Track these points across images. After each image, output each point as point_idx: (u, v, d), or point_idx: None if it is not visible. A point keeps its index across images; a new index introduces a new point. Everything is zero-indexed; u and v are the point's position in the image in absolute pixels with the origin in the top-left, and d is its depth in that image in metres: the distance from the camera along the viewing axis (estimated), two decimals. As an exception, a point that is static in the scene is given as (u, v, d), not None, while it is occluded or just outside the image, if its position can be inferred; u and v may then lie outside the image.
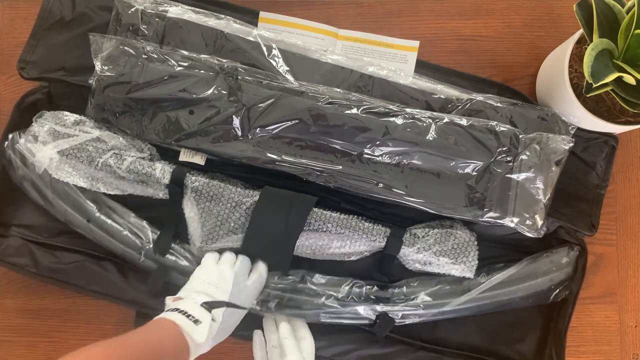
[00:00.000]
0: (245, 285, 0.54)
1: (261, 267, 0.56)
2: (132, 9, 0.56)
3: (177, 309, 0.50)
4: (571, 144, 0.53)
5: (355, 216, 0.55)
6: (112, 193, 0.55)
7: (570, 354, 0.56)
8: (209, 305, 0.51)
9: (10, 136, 0.56)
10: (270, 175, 0.55)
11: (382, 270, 0.56)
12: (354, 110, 0.53)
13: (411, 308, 0.54)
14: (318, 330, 0.55)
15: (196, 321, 0.49)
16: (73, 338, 0.59)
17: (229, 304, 0.52)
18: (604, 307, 0.59)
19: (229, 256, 0.56)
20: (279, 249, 0.54)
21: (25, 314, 0.59)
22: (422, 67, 0.59)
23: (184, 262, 0.57)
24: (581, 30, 0.50)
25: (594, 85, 0.45)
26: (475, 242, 0.55)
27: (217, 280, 0.53)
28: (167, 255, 0.56)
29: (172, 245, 0.56)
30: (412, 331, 0.56)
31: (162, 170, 0.53)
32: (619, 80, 0.46)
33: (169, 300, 0.52)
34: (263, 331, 0.57)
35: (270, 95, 0.53)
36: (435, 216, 0.55)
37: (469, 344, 0.57)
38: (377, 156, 0.53)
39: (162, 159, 0.55)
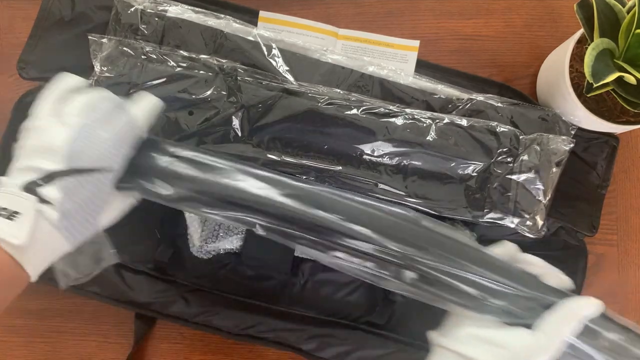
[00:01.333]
0: (99, 134, 0.40)
1: (144, 99, 0.43)
2: (132, 9, 0.56)
3: None
4: (572, 145, 0.53)
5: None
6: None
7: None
8: (38, 181, 0.37)
9: None
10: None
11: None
12: (354, 111, 0.53)
13: None
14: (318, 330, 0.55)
15: (11, 214, 0.36)
16: (72, 338, 0.59)
17: (67, 172, 0.38)
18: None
19: (79, 104, 0.41)
20: (279, 250, 0.54)
21: (24, 314, 0.59)
22: (423, 67, 0.59)
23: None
24: (582, 30, 0.50)
25: (595, 85, 0.45)
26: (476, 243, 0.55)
27: (47, 140, 0.39)
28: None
29: None
30: (412, 331, 0.56)
31: (162, 171, 0.53)
32: (619, 80, 0.46)
33: None
34: None
35: (270, 96, 0.53)
36: (435, 217, 0.54)
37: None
38: (377, 157, 0.53)
39: (162, 159, 0.55)
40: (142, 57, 0.54)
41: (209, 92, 0.53)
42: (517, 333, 0.39)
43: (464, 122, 0.53)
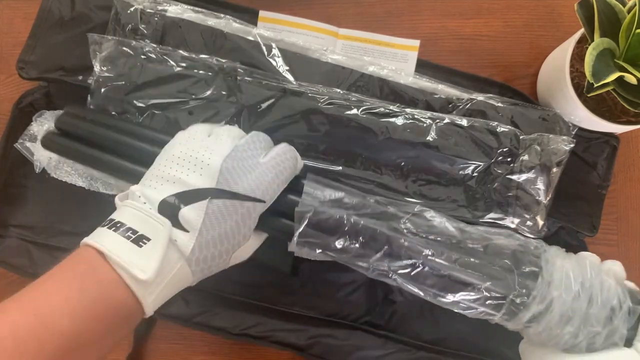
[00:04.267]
0: (255, 163, 0.36)
1: (285, 143, 0.39)
2: (131, 9, 0.56)
3: (107, 221, 0.32)
4: (572, 145, 0.53)
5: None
6: (111, 193, 0.54)
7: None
8: (175, 202, 0.31)
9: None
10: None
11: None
12: (354, 111, 0.53)
13: None
14: (318, 330, 0.54)
15: (140, 239, 0.30)
16: (72, 339, 0.59)
17: (219, 193, 0.33)
18: (605, 307, 0.59)
19: (229, 127, 0.38)
20: (279, 250, 0.54)
21: (24, 314, 0.59)
22: (423, 67, 0.59)
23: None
24: (582, 30, 0.50)
25: (595, 85, 0.45)
26: (476, 242, 0.55)
27: (198, 154, 0.34)
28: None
29: None
30: (412, 331, 0.56)
31: (162, 171, 0.53)
32: (620, 79, 0.46)
33: (116, 201, 0.34)
34: None
35: (270, 96, 0.53)
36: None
37: (470, 345, 0.57)
38: (377, 157, 0.53)
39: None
40: (142, 57, 0.53)
41: (208, 92, 0.53)
42: (624, 355, 0.34)
43: (464, 122, 0.53)
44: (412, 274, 0.40)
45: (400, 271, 0.40)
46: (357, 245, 0.41)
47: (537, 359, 0.37)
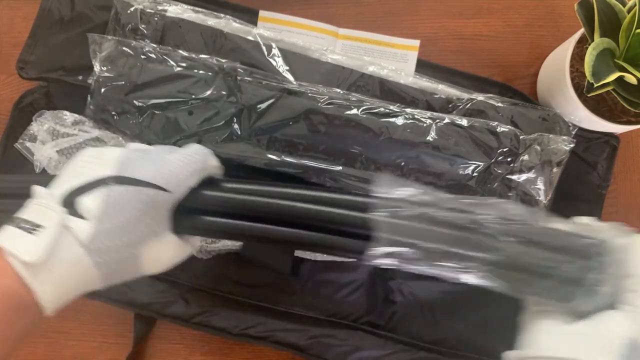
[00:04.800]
0: (160, 157, 0.35)
1: (201, 145, 0.39)
2: (131, 9, 0.56)
3: (12, 220, 0.31)
4: (572, 145, 0.53)
5: (356, 216, 0.55)
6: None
7: (571, 354, 0.56)
8: (74, 193, 0.31)
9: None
10: (270, 176, 0.54)
11: (383, 270, 0.56)
12: (354, 111, 0.53)
13: None
14: (318, 330, 0.54)
15: (33, 228, 0.30)
16: (72, 338, 0.59)
17: (117, 179, 0.32)
18: (605, 307, 0.59)
19: (138, 144, 0.38)
20: (279, 250, 0.54)
21: (24, 314, 0.59)
22: (423, 67, 0.59)
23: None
24: (582, 30, 0.50)
25: (595, 85, 0.45)
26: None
27: (105, 150, 0.35)
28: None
29: None
30: (412, 331, 0.56)
31: (162, 171, 0.53)
32: (620, 79, 0.46)
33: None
34: None
35: (270, 96, 0.53)
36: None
37: (470, 345, 0.57)
38: (377, 157, 0.53)
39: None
40: (142, 57, 0.53)
41: (208, 92, 0.53)
42: (607, 318, 0.34)
43: (464, 122, 0.53)
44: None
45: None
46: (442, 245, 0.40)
47: (539, 332, 0.38)
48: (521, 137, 0.53)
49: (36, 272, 0.30)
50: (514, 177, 0.53)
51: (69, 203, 0.32)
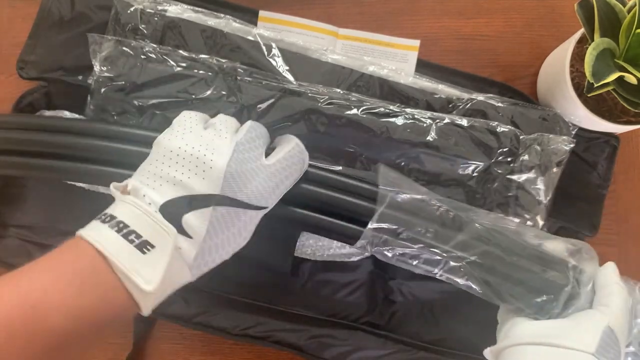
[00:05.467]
0: (260, 165, 0.34)
1: (296, 142, 0.37)
2: (131, 9, 0.56)
3: (109, 217, 0.30)
4: (572, 145, 0.53)
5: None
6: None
7: (571, 354, 0.56)
8: (178, 207, 0.30)
9: None
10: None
11: (383, 270, 0.56)
12: (354, 111, 0.53)
13: None
14: (318, 330, 0.54)
15: (144, 245, 0.29)
16: (72, 339, 0.59)
17: (223, 200, 0.32)
18: (605, 307, 0.59)
19: (225, 118, 0.36)
20: (279, 249, 0.54)
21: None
22: (423, 67, 0.59)
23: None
24: (582, 30, 0.50)
25: (595, 85, 0.45)
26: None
27: (199, 153, 0.32)
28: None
29: None
30: (412, 331, 0.56)
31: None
32: (620, 79, 0.46)
33: (114, 191, 0.32)
34: None
35: (270, 96, 0.53)
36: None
37: (470, 345, 0.57)
38: (377, 157, 0.53)
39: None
40: (142, 57, 0.53)
41: (208, 92, 0.53)
42: (587, 314, 0.38)
43: (464, 122, 0.53)
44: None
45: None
46: (435, 228, 0.42)
47: (513, 325, 0.39)
48: (521, 137, 0.53)
49: (149, 296, 0.31)
50: (514, 177, 0.52)
51: (175, 219, 0.31)
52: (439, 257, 0.42)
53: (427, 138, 0.52)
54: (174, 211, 0.31)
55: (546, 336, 0.36)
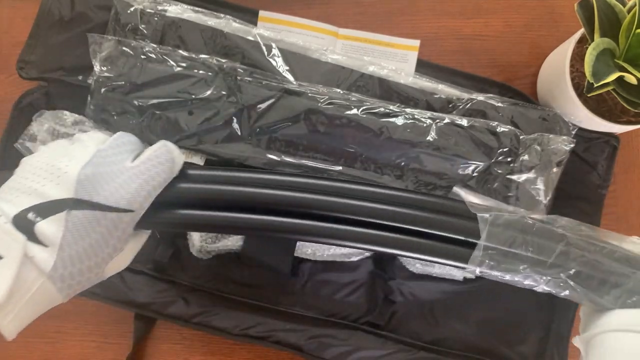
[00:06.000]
0: (122, 167, 0.33)
1: (163, 143, 0.36)
2: (131, 9, 0.56)
3: None
4: (572, 145, 0.53)
5: (356, 216, 0.55)
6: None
7: (571, 355, 0.56)
8: (31, 215, 0.29)
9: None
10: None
11: (383, 271, 0.56)
12: (354, 111, 0.53)
13: None
14: (318, 331, 0.54)
15: None
16: (72, 339, 0.59)
17: (77, 204, 0.30)
18: (605, 307, 0.59)
19: (95, 134, 0.35)
20: (279, 249, 0.54)
21: (24, 314, 0.59)
22: (423, 67, 0.59)
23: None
24: (582, 30, 0.50)
25: (595, 85, 0.45)
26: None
27: (56, 161, 0.31)
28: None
29: None
30: (412, 331, 0.56)
31: (162, 171, 0.53)
32: (620, 79, 0.46)
33: None
34: None
35: (270, 96, 0.53)
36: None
37: (470, 345, 0.57)
38: (377, 157, 0.53)
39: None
40: (142, 57, 0.53)
41: (208, 92, 0.53)
42: None
43: (464, 122, 0.53)
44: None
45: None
46: (536, 241, 0.41)
47: (602, 314, 0.39)
48: (521, 137, 0.53)
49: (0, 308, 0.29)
50: (514, 177, 0.52)
51: (27, 228, 0.29)
52: (543, 277, 0.41)
53: (427, 138, 0.52)
54: (26, 220, 0.30)
55: (637, 324, 0.36)
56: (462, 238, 0.42)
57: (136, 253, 0.38)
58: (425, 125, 0.53)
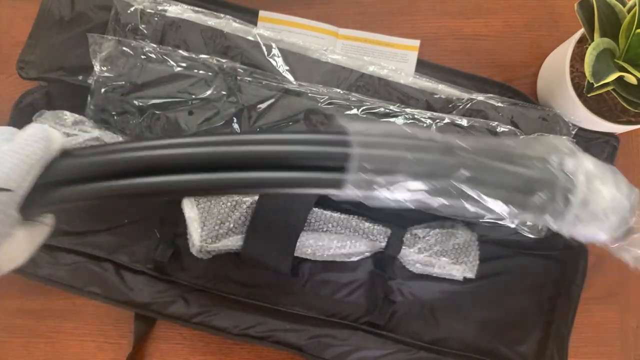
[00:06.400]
0: None
1: (37, 125, 0.34)
2: (131, 9, 0.56)
3: None
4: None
5: (356, 216, 0.55)
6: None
7: (570, 354, 0.56)
8: None
9: None
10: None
11: (383, 270, 0.56)
12: (354, 111, 0.53)
13: None
14: (318, 330, 0.54)
15: None
16: (72, 339, 0.59)
17: None
18: (605, 307, 0.59)
19: None
20: (279, 249, 0.54)
21: (23, 314, 0.59)
22: (423, 67, 0.59)
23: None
24: (582, 30, 0.50)
25: (595, 85, 0.45)
26: (476, 242, 0.55)
27: None
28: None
29: None
30: (412, 331, 0.56)
31: (162, 171, 0.53)
32: (620, 79, 0.46)
33: None
34: None
35: (270, 96, 0.53)
36: (436, 217, 0.54)
37: (470, 345, 0.57)
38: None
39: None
40: (142, 57, 0.53)
41: (208, 92, 0.53)
42: None
43: (464, 122, 0.53)
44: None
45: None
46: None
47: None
48: (521, 138, 0.53)
49: None
50: (514, 177, 0.52)
51: None
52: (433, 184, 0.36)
53: (427, 138, 0.52)
54: None
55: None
56: (334, 165, 0.35)
57: (36, 247, 0.36)
58: (425, 125, 0.53)
